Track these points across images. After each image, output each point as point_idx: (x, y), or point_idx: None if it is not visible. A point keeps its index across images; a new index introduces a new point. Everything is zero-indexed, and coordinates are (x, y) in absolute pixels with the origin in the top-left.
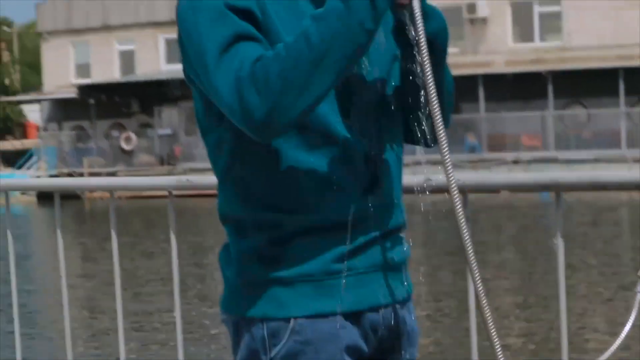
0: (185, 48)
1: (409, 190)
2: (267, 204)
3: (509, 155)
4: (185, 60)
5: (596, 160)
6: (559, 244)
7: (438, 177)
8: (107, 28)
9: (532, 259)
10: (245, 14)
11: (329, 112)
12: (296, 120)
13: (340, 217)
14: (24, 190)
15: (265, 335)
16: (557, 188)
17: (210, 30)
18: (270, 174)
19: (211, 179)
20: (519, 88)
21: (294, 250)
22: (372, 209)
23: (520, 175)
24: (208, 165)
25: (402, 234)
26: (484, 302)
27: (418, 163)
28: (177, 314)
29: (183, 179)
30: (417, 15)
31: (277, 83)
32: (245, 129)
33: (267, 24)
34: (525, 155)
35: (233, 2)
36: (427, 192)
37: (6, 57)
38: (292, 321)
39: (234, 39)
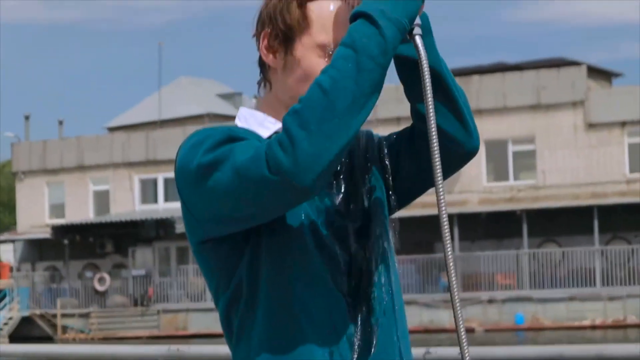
0: (190, 195)
1: None
2: None
3: (484, 295)
4: (189, 214)
5: (571, 299)
6: None
7: (437, 349)
8: (81, 168)
9: None
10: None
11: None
12: (330, 167)
13: None
14: (13, 356)
15: None
16: None
17: (220, 153)
18: (280, 327)
19: (200, 348)
20: (494, 227)
21: None
22: None
23: (524, 349)
24: (181, 306)
25: None
26: None
27: (414, 302)
28: None
29: (173, 348)
30: (420, 50)
31: (299, 134)
32: (280, 189)
33: None
34: (499, 294)
35: (237, 132)
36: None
37: None
38: None
39: (249, 142)
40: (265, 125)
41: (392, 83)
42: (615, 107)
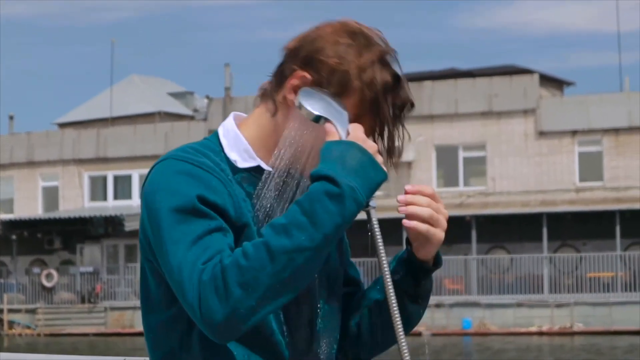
0: (147, 231)
1: None
2: None
3: (432, 299)
4: (146, 240)
5: (518, 305)
6: None
7: None
8: (31, 164)
9: None
10: (216, 209)
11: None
12: (256, 323)
13: None
14: None
15: None
16: None
17: (178, 224)
18: None
19: None
20: None
21: None
22: None
23: None
24: (129, 304)
25: None
26: None
27: None
28: None
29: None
30: (373, 222)
31: (237, 292)
32: (204, 329)
33: (240, 223)
34: (447, 299)
35: (206, 196)
36: None
37: None
38: None
39: (203, 233)
40: (244, 157)
41: None
42: (566, 116)
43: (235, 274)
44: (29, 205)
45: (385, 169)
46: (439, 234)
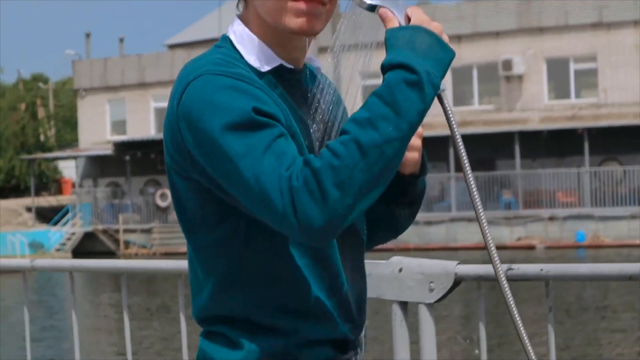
0: (194, 151)
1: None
2: (283, 307)
3: (545, 212)
4: (182, 157)
5: (632, 217)
6: None
7: (520, 266)
8: (142, 85)
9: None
10: (272, 118)
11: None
12: (352, 222)
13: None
14: (90, 271)
15: None
16: None
17: (240, 139)
18: (283, 275)
19: None
20: (555, 145)
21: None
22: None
23: (604, 266)
24: None
25: None
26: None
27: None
28: None
29: None
30: (447, 106)
31: (334, 193)
32: (299, 236)
33: (290, 132)
34: (561, 211)
35: (260, 107)
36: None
37: (42, 113)
38: None
39: (271, 141)
40: (265, 60)
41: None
42: None
43: (329, 175)
44: (141, 126)
45: (452, 47)
46: (412, 156)
